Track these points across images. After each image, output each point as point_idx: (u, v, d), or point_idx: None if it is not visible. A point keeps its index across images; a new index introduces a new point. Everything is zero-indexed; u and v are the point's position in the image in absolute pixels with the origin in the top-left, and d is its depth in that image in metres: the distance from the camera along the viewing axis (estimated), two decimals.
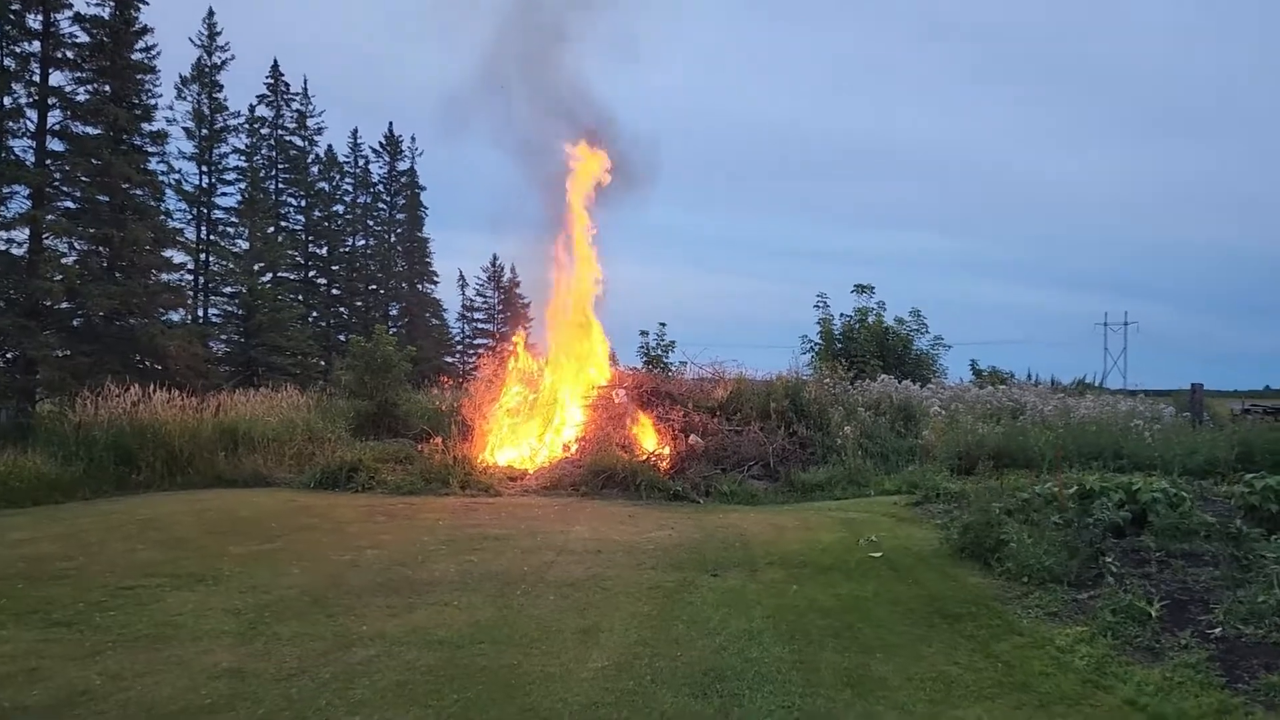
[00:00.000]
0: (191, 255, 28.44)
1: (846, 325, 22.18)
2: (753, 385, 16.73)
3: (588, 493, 13.92)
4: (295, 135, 40.25)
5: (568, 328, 17.46)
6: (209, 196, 32.61)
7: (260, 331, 28.96)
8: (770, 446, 14.73)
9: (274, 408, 17.85)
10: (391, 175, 49.94)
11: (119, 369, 17.78)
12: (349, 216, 45.94)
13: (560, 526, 10.94)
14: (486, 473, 15.02)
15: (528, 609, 6.92)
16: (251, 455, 15.74)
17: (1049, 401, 15.90)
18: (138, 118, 22.84)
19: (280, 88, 39.25)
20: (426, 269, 49.61)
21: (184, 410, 15.99)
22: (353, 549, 9.59)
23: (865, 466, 13.93)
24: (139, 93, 23.29)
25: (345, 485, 14.68)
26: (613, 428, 15.36)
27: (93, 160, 19.44)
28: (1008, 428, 13.77)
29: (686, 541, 9.65)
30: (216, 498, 13.55)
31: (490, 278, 54.87)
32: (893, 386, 17.32)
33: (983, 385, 19.11)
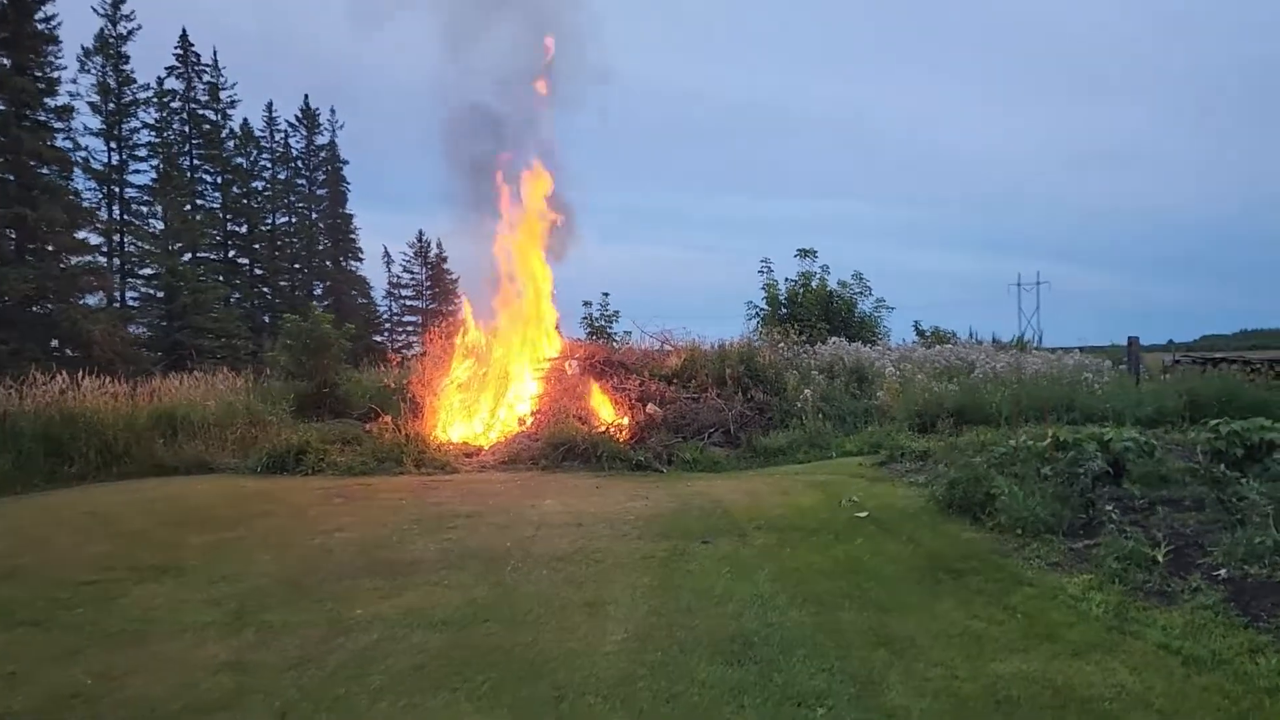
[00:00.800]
0: (105, 236, 27.11)
1: (791, 290, 22.25)
2: (706, 352, 16.66)
3: (548, 466, 13.72)
4: (208, 109, 38.63)
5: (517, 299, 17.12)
6: (120, 174, 31.14)
7: (184, 314, 27.86)
8: (729, 413, 14.70)
9: (211, 392, 17.16)
10: (310, 150, 48.44)
11: (39, 356, 16.86)
12: (268, 193, 44.41)
13: (530, 501, 10.73)
14: (441, 450, 14.68)
15: (522, 585, 6.73)
16: (192, 441, 15.11)
17: (999, 359, 16.18)
18: (42, 91, 21.62)
19: (190, 59, 37.55)
20: (351, 246, 48.38)
21: (116, 397, 15.26)
22: (320, 533, 9.25)
23: (825, 429, 13.98)
24: (42, 65, 22.05)
25: (294, 469, 14.18)
26: (568, 400, 15.14)
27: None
28: (965, 385, 13.95)
29: (665, 511, 9.53)
30: (160, 486, 12.97)
31: (417, 254, 53.76)
32: (844, 349, 17.44)
33: (930, 345, 19.38)
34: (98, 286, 21.07)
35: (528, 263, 17.06)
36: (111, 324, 19.05)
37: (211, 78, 38.74)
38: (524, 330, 17.02)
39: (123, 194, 30.99)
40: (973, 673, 4.43)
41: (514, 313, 17.13)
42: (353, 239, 48.27)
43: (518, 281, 17.13)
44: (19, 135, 18.30)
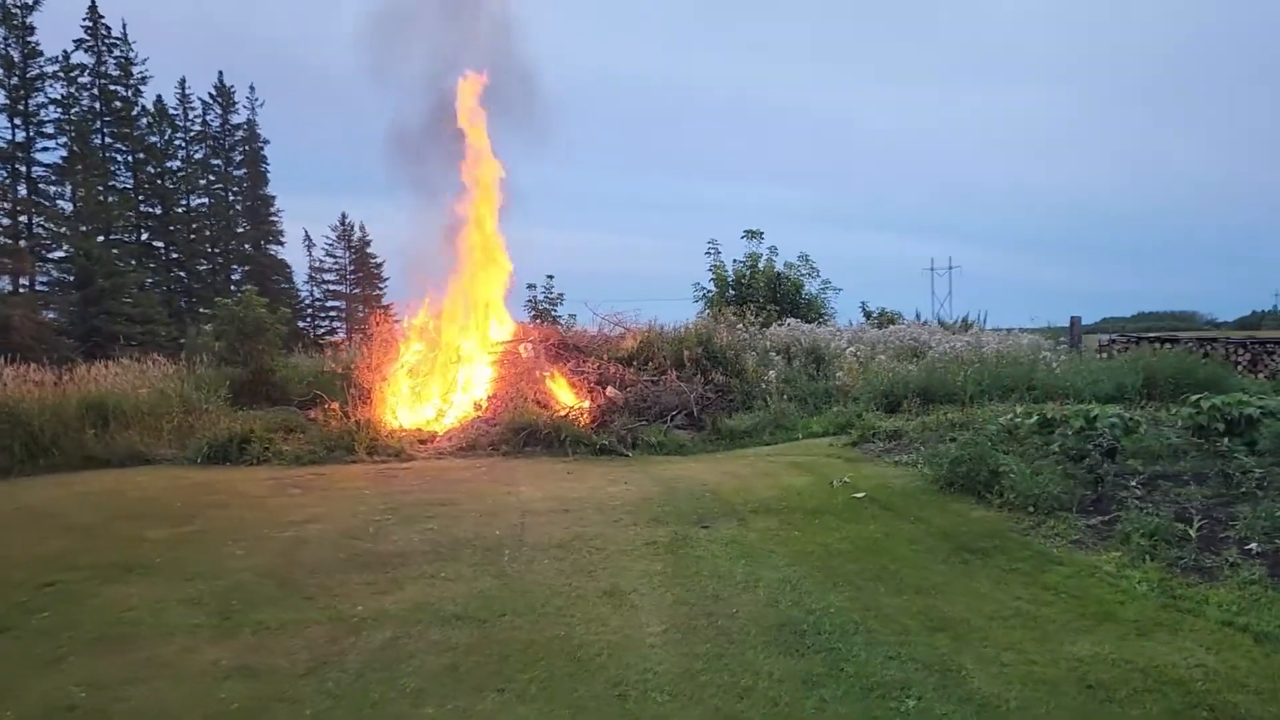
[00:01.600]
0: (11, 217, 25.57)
1: (738, 271, 22.15)
2: (663, 334, 16.41)
3: (509, 452, 13.31)
4: (119, 85, 36.69)
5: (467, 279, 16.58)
6: (27, 152, 29.40)
7: (100, 299, 26.45)
8: (691, 395, 14.48)
9: (142, 379, 16.23)
10: (225, 129, 46.50)
11: None
12: (184, 174, 42.51)
13: (503, 488, 10.36)
14: (393, 437, 14.16)
15: (528, 575, 6.40)
16: (125, 432, 14.25)
17: (957, 339, 16.31)
18: None
19: (100, 31, 35.59)
20: (272, 229, 46.67)
21: (41, 386, 14.32)
22: (286, 525, 8.75)
23: (789, 410, 13.87)
24: None
25: (237, 459, 13.51)
26: (525, 384, 14.74)
27: None
28: (927, 365, 14.00)
29: (650, 495, 9.27)
30: (96, 479, 12.20)
31: (340, 237, 52.18)
32: (800, 330, 17.39)
33: (882, 325, 19.48)
34: (14, 268, 19.77)
35: (481, 244, 16.53)
36: (30, 308, 17.90)
37: (122, 52, 36.83)
38: (476, 313, 16.51)
39: (30, 173, 29.24)
40: (1048, 656, 4.28)
41: (465, 295, 16.60)
42: (273, 221, 46.58)
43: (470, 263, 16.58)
44: None
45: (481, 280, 16.59)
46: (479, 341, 16.24)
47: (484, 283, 16.60)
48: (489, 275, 16.65)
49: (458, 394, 15.54)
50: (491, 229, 16.56)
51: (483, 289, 16.58)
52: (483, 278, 16.62)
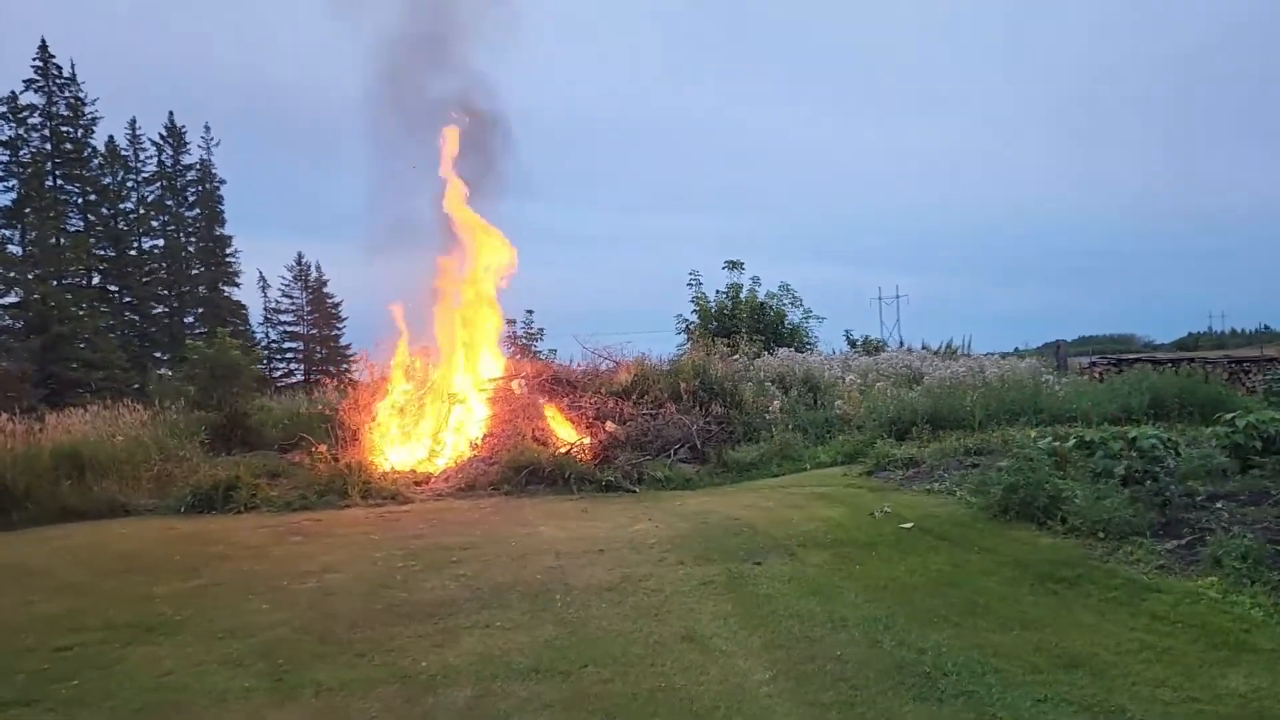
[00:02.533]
0: None
1: (720, 302, 22.03)
2: (656, 367, 16.14)
3: (511, 491, 12.89)
4: (69, 125, 35.72)
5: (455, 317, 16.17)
6: None
7: (58, 344, 25.47)
8: (693, 428, 14.21)
9: (115, 427, 15.52)
10: (177, 169, 45.51)
11: None
12: (136, 215, 41.47)
13: (520, 529, 9.96)
14: (386, 479, 13.65)
15: (590, 621, 6.04)
16: (102, 482, 13.56)
17: (956, 364, 16.25)
18: None
19: (51, 71, 34.66)
20: (228, 270, 45.63)
21: (11, 436, 13.60)
22: (302, 575, 8.27)
23: (795, 441, 13.66)
24: None
25: (223, 506, 12.88)
26: (522, 420, 14.35)
27: None
28: (933, 390, 13.89)
29: (681, 531, 8.94)
30: (77, 533, 11.54)
31: (296, 277, 51.21)
32: (794, 360, 17.23)
33: (869, 353, 19.42)
34: None
35: (468, 279, 16.17)
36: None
37: (72, 92, 35.87)
38: (465, 350, 16.10)
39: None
40: (1208, 693, 4.06)
41: (452, 332, 16.19)
42: (230, 262, 45.54)
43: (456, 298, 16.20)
44: None
45: (470, 317, 16.20)
46: (470, 379, 15.82)
47: (473, 320, 16.21)
48: (477, 312, 16.27)
49: (450, 433, 15.08)
50: (479, 266, 16.22)
51: (471, 326, 16.19)
52: (471, 315, 16.24)
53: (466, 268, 16.24)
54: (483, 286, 16.28)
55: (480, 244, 16.12)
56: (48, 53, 34.62)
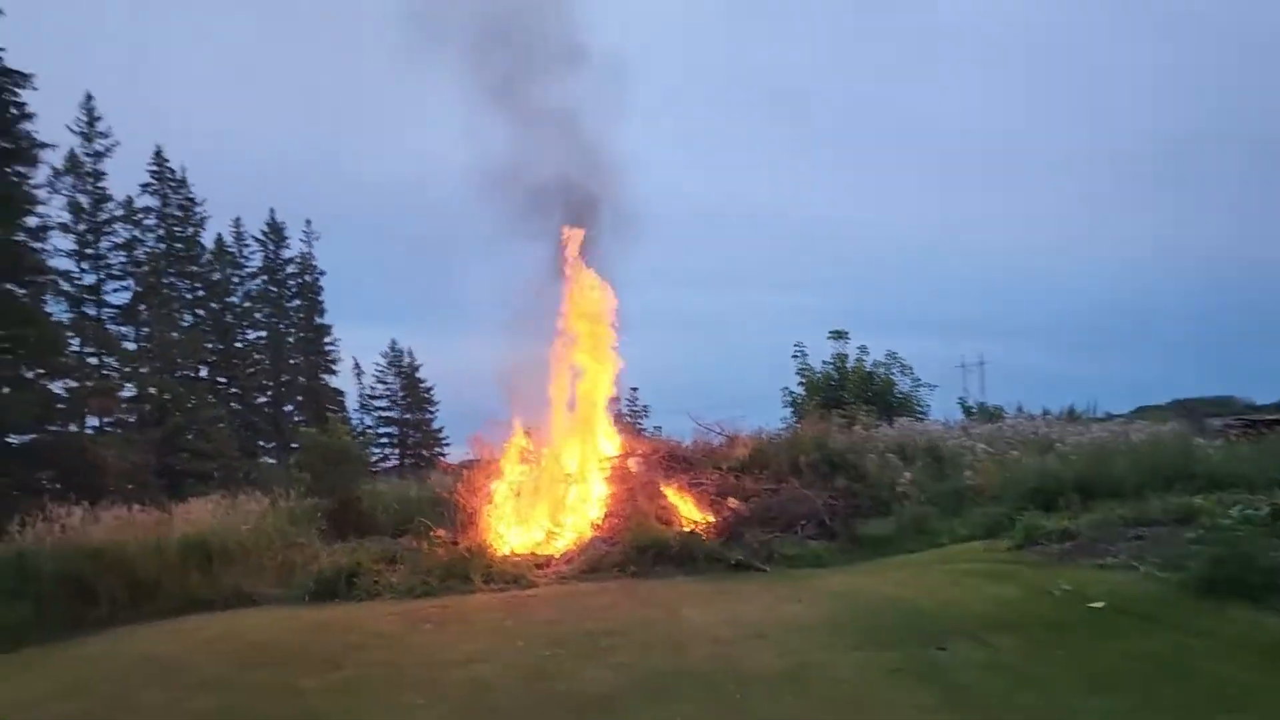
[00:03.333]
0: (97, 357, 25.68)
1: (826, 373, 21.62)
2: (774, 440, 15.74)
3: (638, 573, 12.47)
4: (183, 225, 37.52)
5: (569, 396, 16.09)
6: (97, 294, 29.76)
7: (176, 436, 26.23)
8: (819, 502, 13.70)
9: (237, 515, 15.65)
10: (278, 263, 47.27)
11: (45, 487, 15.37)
12: (240, 309, 43.08)
13: (661, 613, 9.56)
14: (507, 562, 13.41)
15: (785, 714, 5.62)
16: (228, 571, 13.61)
17: (1098, 428, 15.46)
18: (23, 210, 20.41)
19: (166, 175, 36.59)
20: (325, 359, 46.88)
21: (142, 527, 13.78)
22: (448, 665, 8.03)
23: (928, 515, 13.05)
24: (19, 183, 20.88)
25: (346, 594, 12.75)
26: (642, 499, 14.02)
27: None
28: (1074, 457, 13.15)
29: (838, 614, 8.46)
30: (208, 624, 11.50)
31: (390, 363, 52.33)
32: (915, 429, 16.66)
33: (991, 420, 18.71)
34: (106, 407, 19.57)
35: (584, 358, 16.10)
36: (122, 447, 17.58)
37: (183, 194, 37.79)
38: (580, 429, 15.94)
39: (100, 313, 29.53)
40: None
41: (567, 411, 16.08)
42: (329, 351, 46.87)
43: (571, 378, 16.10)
44: (18, 250, 17.07)
45: (585, 396, 16.08)
46: (587, 458, 15.61)
47: (587, 399, 16.08)
48: (592, 390, 16.14)
49: (568, 514, 14.84)
50: (592, 345, 16.15)
51: (586, 405, 16.05)
52: (585, 393, 16.12)
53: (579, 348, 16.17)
54: (597, 364, 16.18)
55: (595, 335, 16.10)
56: (163, 158, 36.70)
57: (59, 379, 19.47)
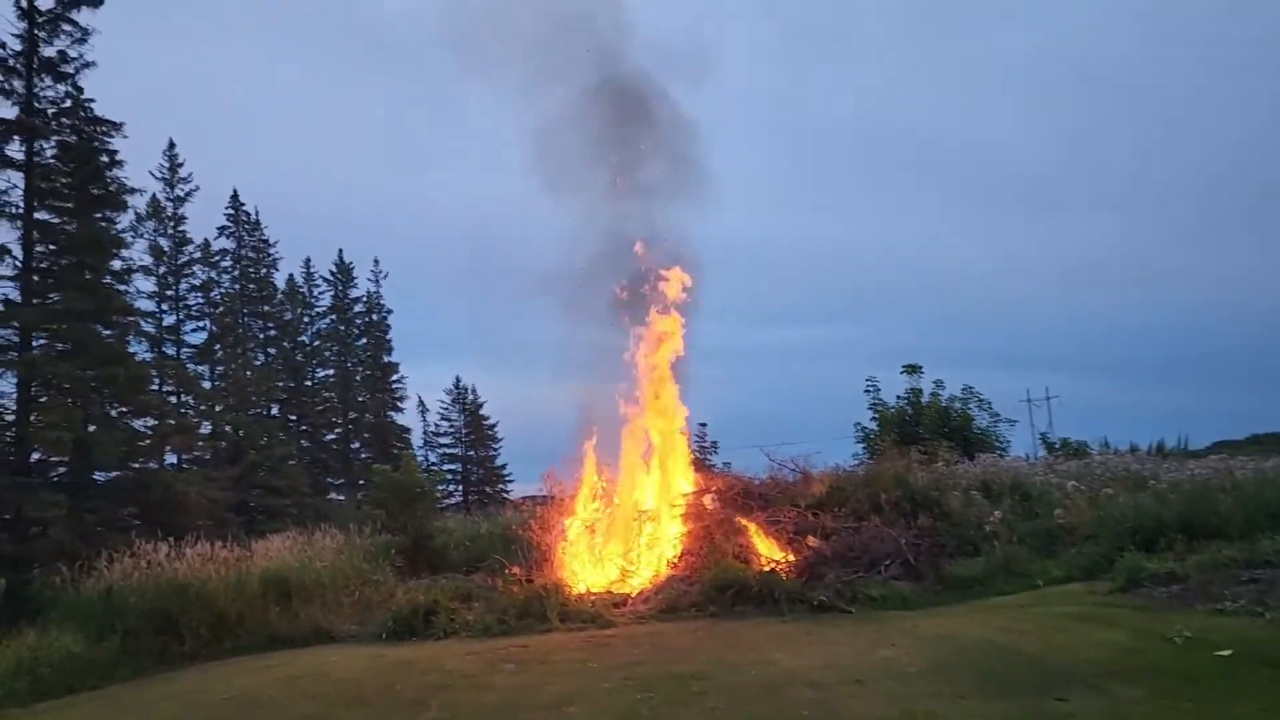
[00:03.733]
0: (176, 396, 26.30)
1: (900, 408, 21.19)
2: (851, 476, 15.41)
3: (718, 613, 12.23)
4: (257, 266, 38.53)
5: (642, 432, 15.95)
6: (176, 334, 30.59)
7: (251, 473, 26.67)
8: (902, 541, 13.33)
9: (315, 552, 15.74)
10: (346, 302, 48.23)
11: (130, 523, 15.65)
12: (311, 347, 43.97)
13: (749, 655, 9.31)
14: (584, 601, 13.26)
15: None
16: (308, 608, 13.67)
17: (1195, 465, 14.85)
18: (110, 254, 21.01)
19: (241, 218, 37.67)
20: (392, 396, 47.50)
21: (224, 563, 13.92)
22: (538, 709, 7.91)
23: (1019, 554, 12.60)
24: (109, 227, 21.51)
25: (424, 632, 12.70)
26: (719, 537, 13.78)
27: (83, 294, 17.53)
28: (1185, 495, 12.61)
29: (940, 659, 8.12)
30: (291, 661, 11.52)
31: (454, 400, 52.76)
32: (1000, 466, 16.19)
33: (1078, 456, 18.14)
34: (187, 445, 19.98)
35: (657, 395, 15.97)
36: (203, 484, 17.90)
37: (258, 236, 38.86)
38: (656, 465, 15.78)
39: (179, 353, 30.32)
40: None
41: (641, 447, 15.94)
42: (395, 389, 47.52)
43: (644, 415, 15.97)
44: (108, 292, 17.55)
45: (657, 433, 15.93)
46: (662, 495, 15.44)
47: (663, 436, 15.93)
48: (664, 427, 15.99)
49: (643, 552, 14.65)
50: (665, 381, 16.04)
51: (662, 442, 15.90)
52: (657, 429, 15.97)
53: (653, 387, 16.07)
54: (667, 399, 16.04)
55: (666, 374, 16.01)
56: (239, 201, 37.83)
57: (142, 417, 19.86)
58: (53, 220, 18.44)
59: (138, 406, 18.71)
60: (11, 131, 17.83)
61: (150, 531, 14.90)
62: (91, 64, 18.67)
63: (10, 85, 17.80)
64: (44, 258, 18.39)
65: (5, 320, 16.47)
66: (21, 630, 12.16)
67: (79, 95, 18.96)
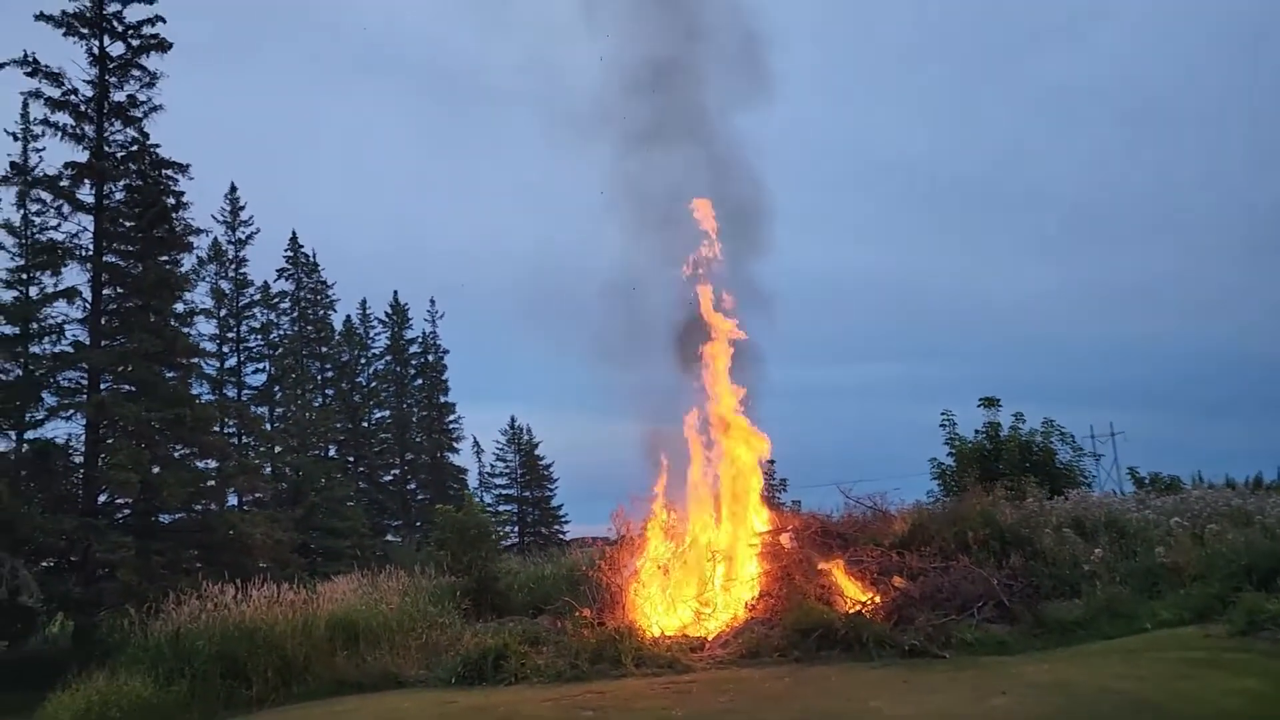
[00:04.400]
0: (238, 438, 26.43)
1: (978, 443, 20.40)
2: (935, 514, 14.76)
3: (801, 658, 11.64)
4: (316, 308, 38.93)
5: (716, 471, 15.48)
6: (238, 376, 30.85)
7: (312, 514, 26.61)
8: (995, 582, 12.64)
9: (380, 594, 15.44)
10: (401, 343, 48.52)
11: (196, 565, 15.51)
12: (369, 388, 44.24)
13: (848, 704, 8.78)
14: (659, 644, 12.75)
15: None
16: (375, 651, 13.33)
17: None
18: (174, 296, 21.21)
19: (300, 260, 38.13)
20: (449, 438, 47.50)
21: (292, 606, 13.66)
22: None
23: (1122, 596, 11.86)
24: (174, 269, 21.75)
25: (494, 677, 12.26)
26: (800, 578, 13.21)
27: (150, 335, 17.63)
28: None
29: (1060, 709, 7.53)
30: (363, 707, 11.20)
31: (510, 440, 52.65)
32: (1091, 501, 15.42)
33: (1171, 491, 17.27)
34: (253, 486, 19.93)
35: (729, 432, 15.50)
36: (269, 525, 17.78)
37: (316, 278, 39.28)
38: (729, 504, 15.27)
39: (240, 395, 30.54)
40: None
41: (712, 485, 15.45)
42: (451, 430, 47.49)
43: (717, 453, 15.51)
44: (174, 333, 17.62)
45: (732, 471, 15.44)
46: (737, 534, 14.91)
47: (736, 473, 15.44)
48: (740, 464, 15.50)
49: (719, 593, 14.11)
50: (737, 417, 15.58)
51: (736, 479, 15.40)
52: (731, 467, 15.48)
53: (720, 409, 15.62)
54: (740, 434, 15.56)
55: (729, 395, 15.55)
56: (298, 243, 38.30)
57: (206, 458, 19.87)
58: (119, 263, 18.65)
59: (203, 448, 18.72)
60: (83, 176, 18.15)
61: (215, 573, 14.75)
62: (159, 108, 19.02)
63: (82, 130, 18.14)
64: (111, 300, 18.60)
65: (75, 361, 16.61)
66: (91, 674, 11.99)
67: (145, 140, 19.27)
